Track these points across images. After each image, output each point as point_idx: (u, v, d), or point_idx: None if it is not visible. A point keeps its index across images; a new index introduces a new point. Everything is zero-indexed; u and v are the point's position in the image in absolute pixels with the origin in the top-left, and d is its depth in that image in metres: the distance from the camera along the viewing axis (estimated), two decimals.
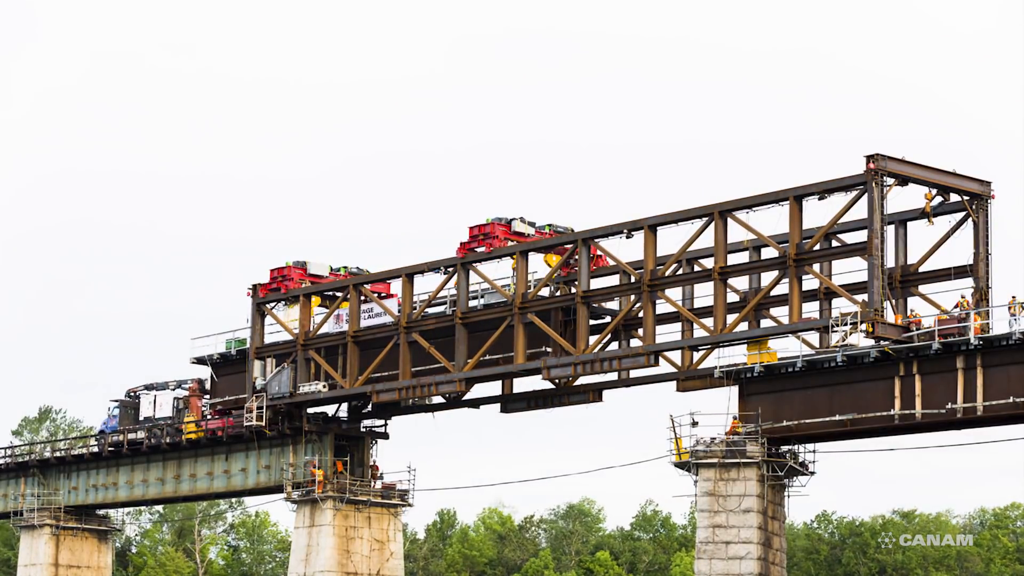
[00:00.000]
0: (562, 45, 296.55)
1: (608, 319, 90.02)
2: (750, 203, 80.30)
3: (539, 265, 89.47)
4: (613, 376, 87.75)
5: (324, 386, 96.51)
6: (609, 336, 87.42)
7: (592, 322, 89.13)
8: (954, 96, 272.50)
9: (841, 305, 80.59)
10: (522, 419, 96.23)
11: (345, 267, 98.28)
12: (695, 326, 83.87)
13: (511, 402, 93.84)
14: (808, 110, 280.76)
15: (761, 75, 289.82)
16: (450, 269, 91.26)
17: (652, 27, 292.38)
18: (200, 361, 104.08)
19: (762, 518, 79.61)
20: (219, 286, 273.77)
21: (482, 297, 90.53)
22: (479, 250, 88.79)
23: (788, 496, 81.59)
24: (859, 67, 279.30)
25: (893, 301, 79.13)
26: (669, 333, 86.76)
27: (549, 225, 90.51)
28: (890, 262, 79.50)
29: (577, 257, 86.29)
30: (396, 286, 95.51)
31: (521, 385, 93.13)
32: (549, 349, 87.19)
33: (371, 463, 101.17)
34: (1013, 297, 74.89)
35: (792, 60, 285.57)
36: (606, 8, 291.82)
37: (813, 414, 79.08)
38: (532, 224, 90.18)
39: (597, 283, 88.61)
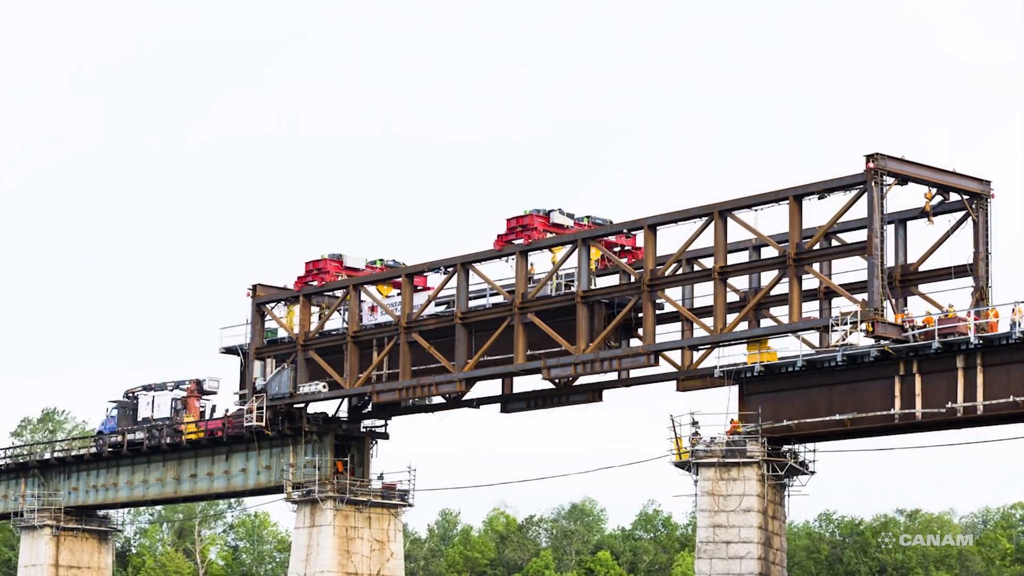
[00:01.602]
0: (568, 42, 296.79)
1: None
2: (750, 203, 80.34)
3: (569, 261, 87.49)
4: (613, 376, 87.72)
5: (324, 386, 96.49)
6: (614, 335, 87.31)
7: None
8: (954, 96, 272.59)
9: (841, 305, 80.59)
10: (522, 419, 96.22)
11: (381, 260, 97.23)
12: (695, 326, 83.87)
13: (511, 402, 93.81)
14: (808, 110, 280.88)
15: (761, 75, 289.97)
16: (450, 269, 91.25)
17: (653, 26, 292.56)
18: (230, 351, 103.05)
19: (762, 518, 79.60)
20: (224, 284, 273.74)
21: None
22: (517, 242, 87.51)
23: (788, 496, 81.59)
24: (859, 66, 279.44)
25: (893, 300, 79.12)
26: (669, 333, 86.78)
27: (588, 216, 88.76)
28: (890, 261, 79.50)
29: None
30: (432, 279, 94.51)
31: (521, 385, 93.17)
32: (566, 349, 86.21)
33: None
34: (1016, 304, 74.82)
35: (792, 59, 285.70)
36: (611, 5, 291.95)
37: (813, 414, 79.07)
38: (571, 216, 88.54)
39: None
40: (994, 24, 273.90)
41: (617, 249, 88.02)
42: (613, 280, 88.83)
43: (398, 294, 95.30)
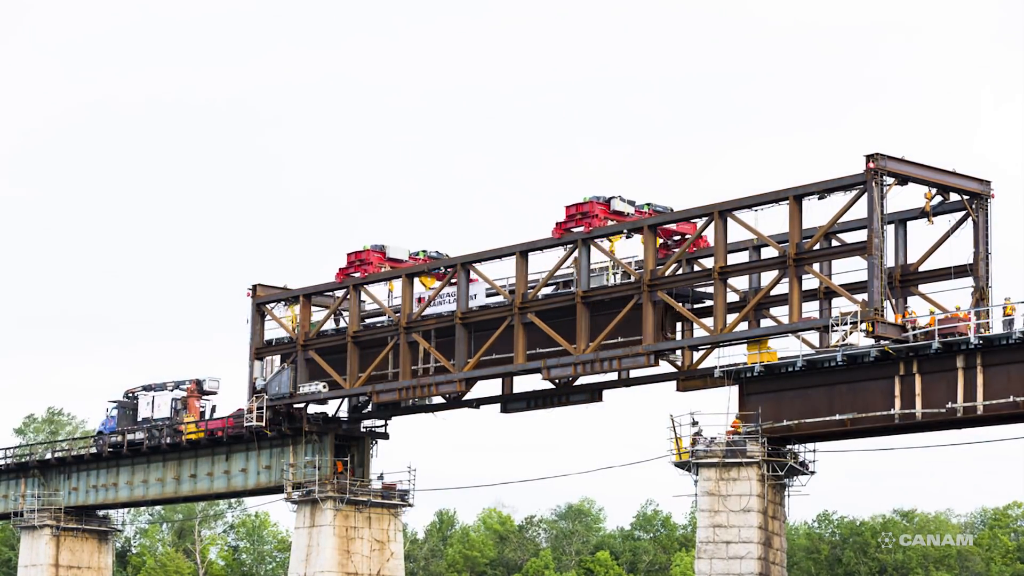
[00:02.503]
0: (587, 43, 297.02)
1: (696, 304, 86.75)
2: (750, 203, 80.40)
3: (636, 249, 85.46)
4: (613, 376, 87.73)
5: (324, 386, 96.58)
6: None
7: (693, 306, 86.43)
8: (954, 96, 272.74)
9: (841, 305, 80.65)
10: (522, 419, 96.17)
11: (424, 251, 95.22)
12: (695, 326, 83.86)
13: (511, 402, 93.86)
14: (808, 110, 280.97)
15: (761, 75, 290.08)
16: (450, 269, 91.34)
17: (653, 23, 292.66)
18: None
19: (762, 518, 79.66)
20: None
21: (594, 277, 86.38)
22: (577, 230, 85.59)
23: (788, 496, 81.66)
24: (860, 66, 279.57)
25: (893, 300, 79.19)
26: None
27: (648, 204, 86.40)
28: (890, 261, 79.56)
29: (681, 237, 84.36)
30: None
31: (521, 385, 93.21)
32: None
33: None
34: (1007, 300, 74.89)
35: (792, 59, 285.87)
36: (615, 12, 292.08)
37: (813, 414, 79.13)
38: (631, 203, 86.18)
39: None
40: (995, 24, 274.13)
41: (677, 237, 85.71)
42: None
43: (440, 285, 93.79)
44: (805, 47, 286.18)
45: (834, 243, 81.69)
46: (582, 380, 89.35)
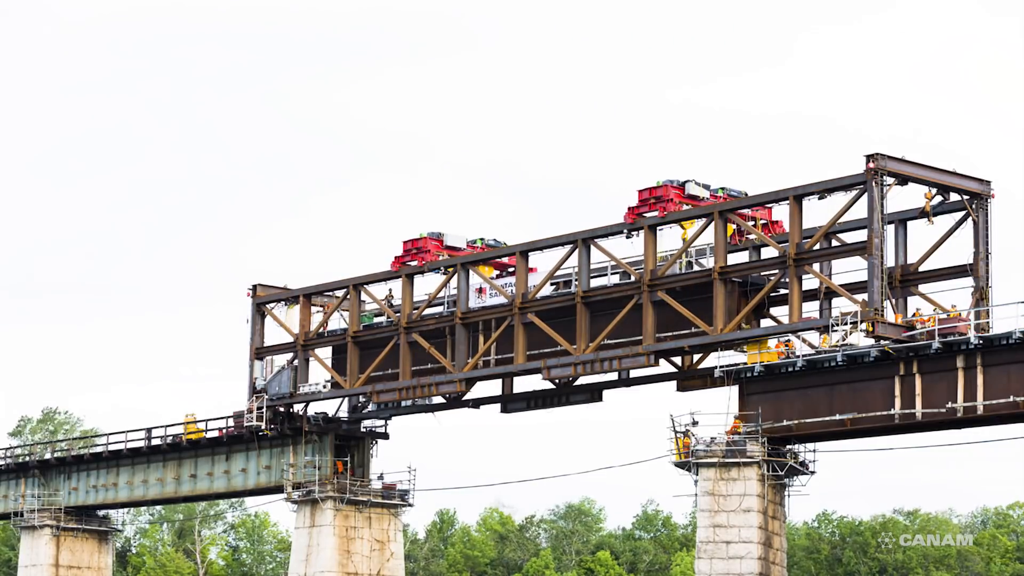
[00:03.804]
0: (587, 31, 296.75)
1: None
2: (750, 203, 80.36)
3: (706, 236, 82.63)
4: (613, 376, 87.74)
5: (324, 386, 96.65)
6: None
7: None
8: (954, 96, 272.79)
9: (841, 305, 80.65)
10: (522, 419, 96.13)
11: (482, 239, 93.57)
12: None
13: (511, 402, 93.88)
14: (808, 110, 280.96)
15: (761, 75, 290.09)
16: (450, 269, 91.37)
17: (653, 21, 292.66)
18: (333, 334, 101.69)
19: (762, 518, 79.67)
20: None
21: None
22: (651, 215, 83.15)
23: (788, 496, 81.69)
24: (859, 67, 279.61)
25: (893, 300, 79.19)
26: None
27: (723, 188, 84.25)
28: (890, 261, 79.53)
29: (748, 224, 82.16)
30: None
31: (521, 385, 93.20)
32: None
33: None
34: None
35: (792, 59, 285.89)
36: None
37: (813, 414, 79.15)
38: (706, 187, 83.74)
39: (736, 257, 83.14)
40: (995, 23, 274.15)
41: (752, 222, 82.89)
42: (743, 257, 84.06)
43: (498, 274, 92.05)
44: (803, 44, 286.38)
45: (834, 243, 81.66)
46: (582, 380, 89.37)
